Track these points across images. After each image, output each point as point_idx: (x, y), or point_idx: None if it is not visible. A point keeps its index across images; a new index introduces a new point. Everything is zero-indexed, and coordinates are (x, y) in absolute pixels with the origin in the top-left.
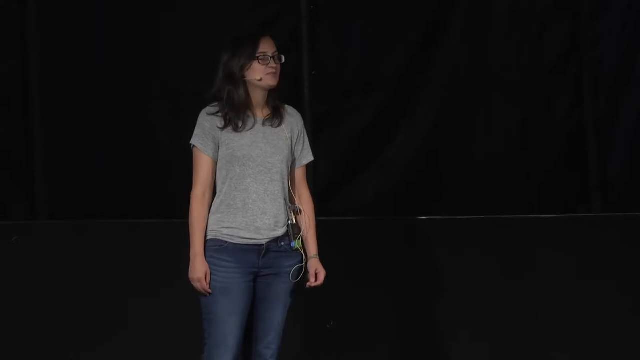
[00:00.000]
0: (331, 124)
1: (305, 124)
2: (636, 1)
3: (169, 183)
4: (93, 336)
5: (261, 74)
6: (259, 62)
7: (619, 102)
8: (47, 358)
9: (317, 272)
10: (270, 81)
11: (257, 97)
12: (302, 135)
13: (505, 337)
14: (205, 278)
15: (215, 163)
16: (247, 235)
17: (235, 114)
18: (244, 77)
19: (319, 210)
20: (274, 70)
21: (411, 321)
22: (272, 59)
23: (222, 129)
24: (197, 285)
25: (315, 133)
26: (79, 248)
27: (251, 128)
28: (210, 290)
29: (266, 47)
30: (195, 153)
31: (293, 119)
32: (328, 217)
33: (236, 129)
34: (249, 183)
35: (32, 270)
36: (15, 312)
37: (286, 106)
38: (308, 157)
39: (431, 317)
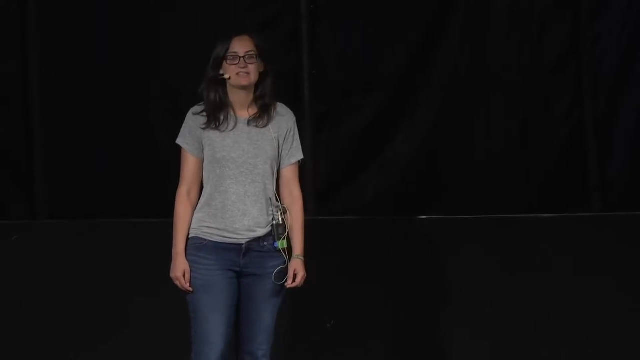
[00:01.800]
0: (331, 124)
1: (305, 124)
2: (636, 1)
3: (169, 183)
4: (93, 336)
5: (230, 73)
6: (227, 62)
7: (619, 102)
8: (47, 358)
9: (295, 273)
10: (241, 80)
11: (239, 96)
12: (292, 133)
13: (505, 337)
14: (184, 276)
15: (201, 162)
16: (227, 235)
17: (213, 113)
18: (221, 76)
19: (319, 210)
20: (243, 70)
21: (411, 321)
22: (241, 58)
23: (205, 128)
24: (176, 283)
25: (315, 133)
26: (79, 248)
27: (234, 128)
28: (190, 289)
29: (237, 47)
30: (182, 152)
31: (282, 118)
32: (328, 217)
33: (217, 128)
34: (229, 184)
35: (32, 270)
36: (15, 312)
37: (278, 104)
38: (297, 155)
39: (431, 317)
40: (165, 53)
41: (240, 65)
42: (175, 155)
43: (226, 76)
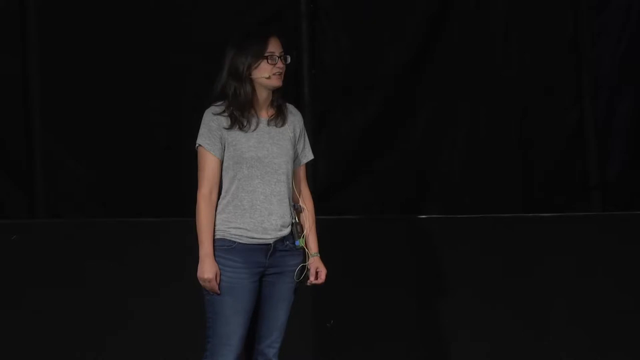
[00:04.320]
0: (331, 124)
1: (306, 124)
2: (636, 1)
3: (169, 183)
4: (93, 336)
5: (269, 73)
6: (267, 62)
7: (619, 102)
8: (48, 358)
9: (318, 271)
10: (276, 82)
11: (262, 96)
12: (303, 133)
13: (505, 337)
14: (216, 278)
15: (221, 163)
16: (256, 235)
17: (241, 113)
18: (250, 75)
19: (319, 210)
20: (280, 71)
21: (411, 320)
22: (279, 59)
23: (229, 129)
24: (207, 285)
25: (315, 133)
26: (79, 247)
27: (256, 128)
28: (219, 291)
29: (274, 47)
30: (201, 152)
31: (295, 118)
32: (328, 217)
33: (242, 129)
34: (257, 184)
35: (32, 269)
36: (15, 312)
37: (288, 104)
38: (309, 155)
39: (431, 316)
40: (165, 53)
41: (279, 65)
42: (174, 154)
43: (265, 75)
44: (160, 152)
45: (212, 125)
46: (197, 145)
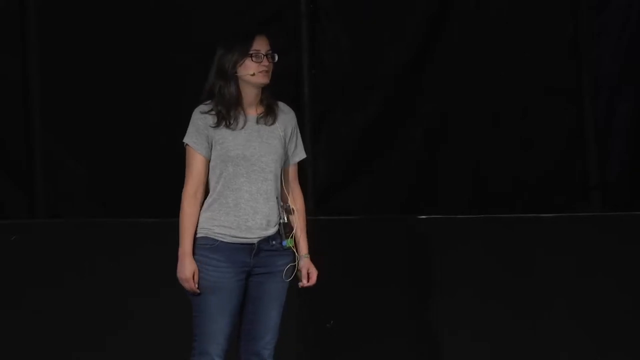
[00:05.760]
0: (331, 124)
1: (305, 124)
2: (636, 1)
3: (169, 183)
4: (93, 336)
5: (254, 71)
6: (252, 59)
7: (619, 102)
8: (47, 358)
9: (309, 272)
10: (262, 79)
11: (250, 94)
12: (296, 132)
13: (505, 337)
14: (193, 277)
15: (208, 162)
16: (239, 234)
17: (226, 111)
18: (236, 73)
19: (319, 210)
20: (266, 68)
21: (411, 320)
22: (265, 56)
23: (216, 127)
24: (185, 285)
25: (315, 133)
26: (79, 248)
27: (244, 126)
28: (198, 290)
29: (260, 45)
30: (188, 151)
31: (287, 116)
32: (328, 217)
33: (229, 127)
34: (242, 182)
35: (32, 269)
36: (15, 313)
37: (279, 103)
38: (301, 154)
39: (430, 317)
40: (165, 53)
41: (264, 63)
42: (174, 155)
43: (250, 73)
44: (160, 152)
45: (199, 124)
46: (184, 144)
